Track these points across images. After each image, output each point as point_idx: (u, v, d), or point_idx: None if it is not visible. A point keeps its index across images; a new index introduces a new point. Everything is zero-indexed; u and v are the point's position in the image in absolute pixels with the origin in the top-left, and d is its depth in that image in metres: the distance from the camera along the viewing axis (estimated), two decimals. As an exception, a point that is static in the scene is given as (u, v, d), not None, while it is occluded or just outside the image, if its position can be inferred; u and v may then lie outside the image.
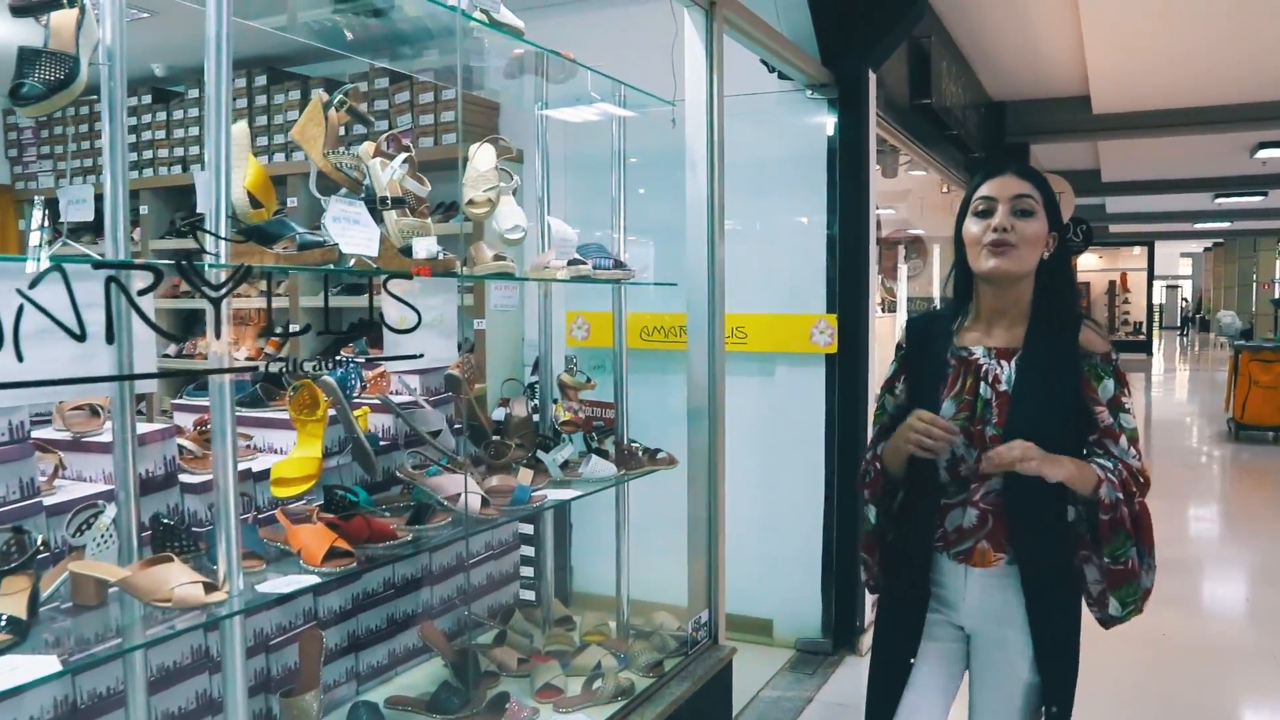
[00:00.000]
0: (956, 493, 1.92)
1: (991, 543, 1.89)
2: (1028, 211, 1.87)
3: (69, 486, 2.08)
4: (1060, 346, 1.87)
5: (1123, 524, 1.80)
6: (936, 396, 1.92)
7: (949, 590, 1.96)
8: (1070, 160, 11.32)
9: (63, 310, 1.28)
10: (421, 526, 2.22)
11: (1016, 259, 1.86)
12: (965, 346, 1.95)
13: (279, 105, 5.27)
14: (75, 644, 1.62)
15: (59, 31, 1.65)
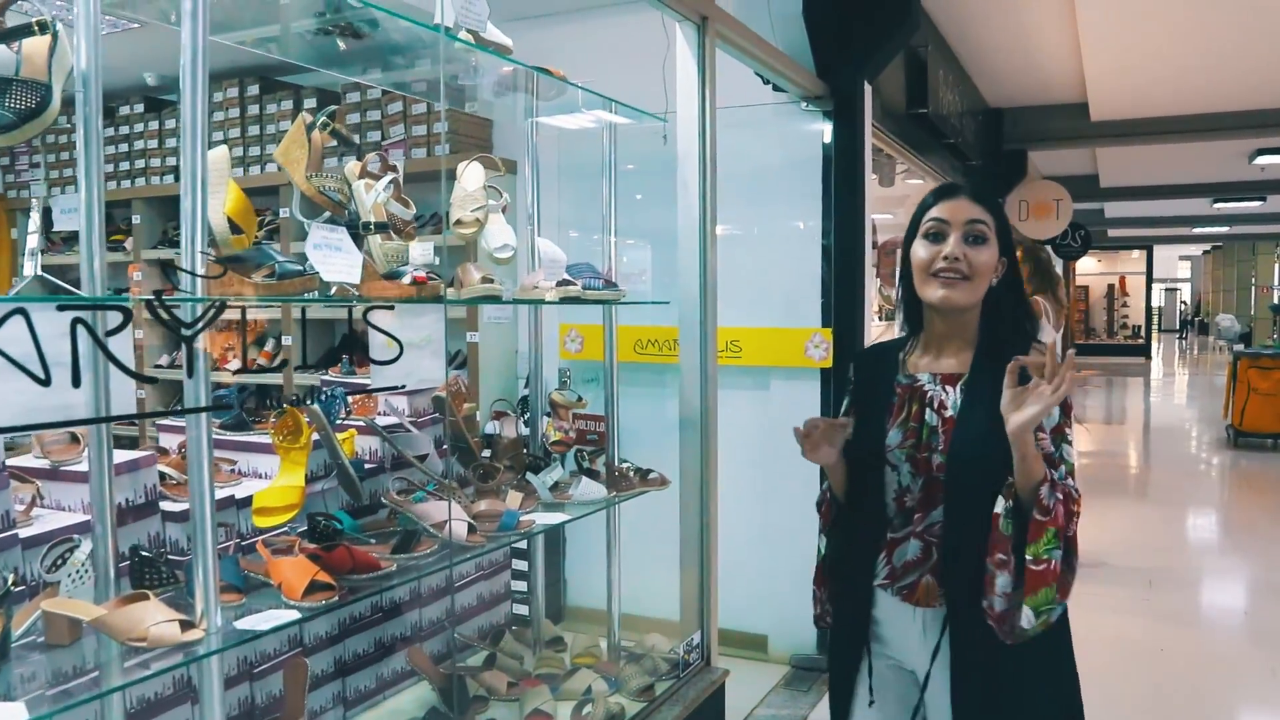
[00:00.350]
0: (901, 525, 1.85)
1: (936, 577, 1.81)
2: (980, 238, 1.80)
3: (47, 516, 2.05)
4: (1006, 374, 1.78)
5: (1053, 526, 1.68)
6: (883, 424, 1.87)
7: (896, 631, 1.88)
8: (1068, 166, 11.29)
9: (27, 353, 1.24)
10: (406, 555, 2.19)
11: (967, 290, 1.80)
12: (912, 374, 1.90)
13: (271, 115, 5.24)
14: (47, 686, 1.59)
15: (31, 58, 1.62)
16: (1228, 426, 10.28)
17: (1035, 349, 1.82)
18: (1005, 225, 1.87)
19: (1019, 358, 1.70)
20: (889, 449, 1.85)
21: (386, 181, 2.21)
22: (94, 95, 1.71)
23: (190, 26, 1.65)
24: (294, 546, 2.01)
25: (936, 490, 1.81)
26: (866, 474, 1.90)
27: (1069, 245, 11.74)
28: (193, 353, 1.48)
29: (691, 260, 3.09)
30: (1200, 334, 30.75)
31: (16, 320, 1.34)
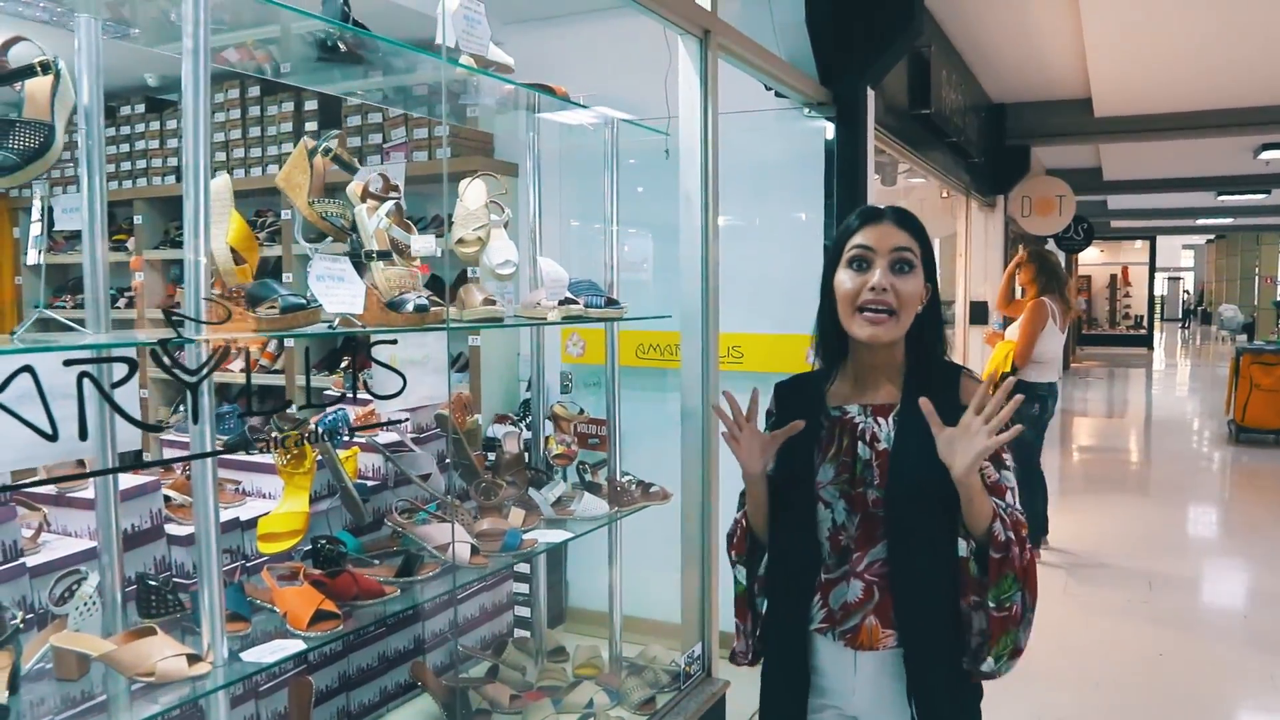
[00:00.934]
0: (838, 565, 1.78)
1: (880, 618, 1.73)
2: (908, 265, 1.73)
3: (54, 543, 2.06)
4: (940, 398, 1.71)
5: (1012, 565, 1.65)
6: (811, 460, 1.79)
7: (835, 679, 1.80)
8: (1071, 159, 11.28)
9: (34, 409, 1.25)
10: (410, 579, 2.20)
11: (894, 326, 1.73)
12: (839, 406, 1.81)
13: (272, 117, 5.24)
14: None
15: (34, 98, 1.62)
16: (1229, 422, 10.29)
17: (967, 377, 1.80)
18: (929, 250, 1.80)
19: (923, 400, 1.64)
20: (821, 485, 1.77)
21: (388, 207, 2.22)
22: (96, 130, 1.73)
23: (190, 66, 1.66)
24: (299, 574, 2.03)
25: (875, 527, 1.74)
26: (789, 511, 1.81)
27: (1071, 238, 11.76)
28: (198, 400, 1.49)
29: (694, 273, 3.09)
30: (1203, 324, 30.73)
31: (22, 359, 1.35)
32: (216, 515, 1.67)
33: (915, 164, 6.16)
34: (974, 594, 1.69)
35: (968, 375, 1.81)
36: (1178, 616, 5.09)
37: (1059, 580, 5.71)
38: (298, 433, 2.21)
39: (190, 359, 1.52)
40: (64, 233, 6.33)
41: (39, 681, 1.71)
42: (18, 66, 1.60)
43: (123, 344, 1.47)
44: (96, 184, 1.66)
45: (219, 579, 1.70)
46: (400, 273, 2.23)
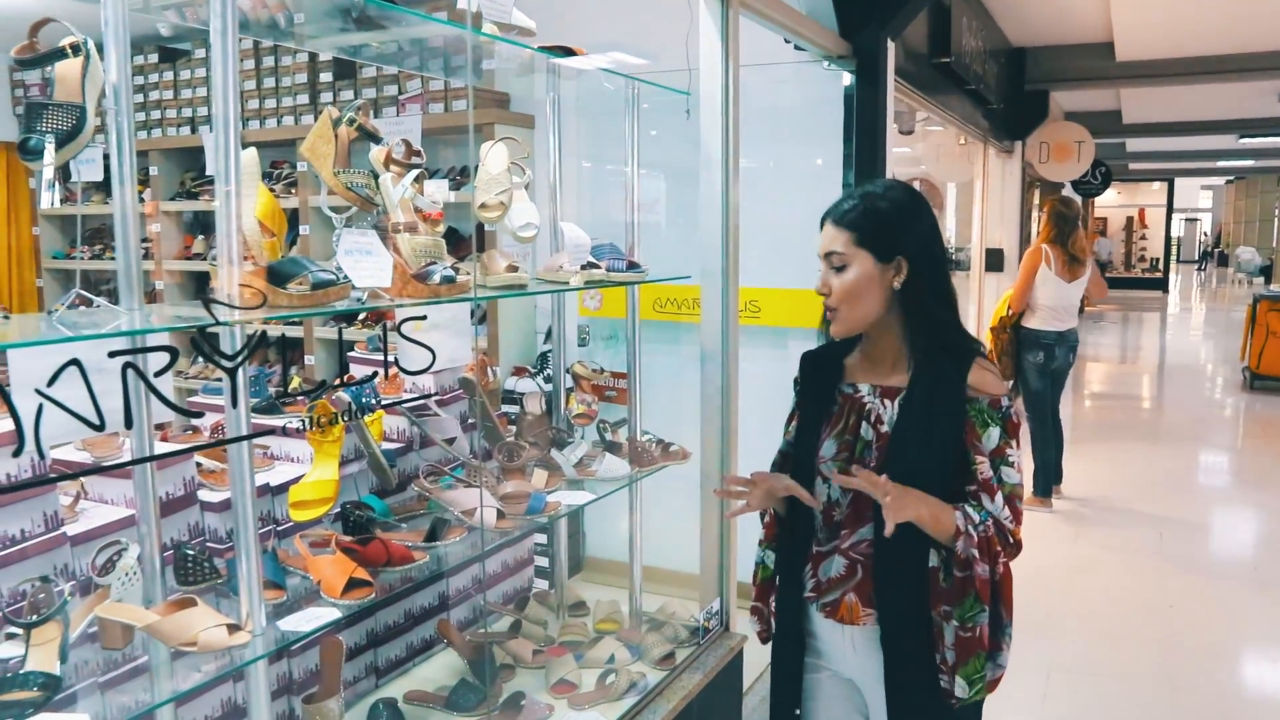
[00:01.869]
0: (828, 539, 1.85)
1: (860, 595, 1.80)
2: (839, 266, 1.80)
3: (91, 511, 2.11)
4: (946, 386, 1.75)
5: (972, 585, 1.69)
6: (819, 434, 1.86)
7: (830, 644, 1.89)
8: (1090, 102, 11.10)
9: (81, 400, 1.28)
10: (438, 543, 2.25)
11: (843, 320, 1.81)
12: (852, 383, 1.87)
13: (286, 67, 5.20)
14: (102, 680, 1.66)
15: (64, 80, 1.63)
16: (1244, 369, 10.27)
17: (980, 366, 1.79)
18: (883, 227, 1.77)
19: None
20: (822, 459, 1.83)
21: (412, 176, 2.22)
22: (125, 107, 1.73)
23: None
24: (330, 541, 2.08)
25: (865, 507, 1.78)
26: (800, 482, 1.88)
27: (1089, 182, 11.64)
28: (235, 384, 1.51)
29: (714, 232, 3.09)
30: (1220, 266, 30.47)
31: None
32: (253, 492, 1.70)
33: (933, 112, 6.09)
34: (945, 604, 1.73)
35: (980, 364, 1.79)
36: (1188, 566, 5.15)
37: (1070, 529, 5.77)
38: (324, 401, 2.25)
39: (226, 344, 1.54)
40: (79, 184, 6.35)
41: (81, 647, 1.76)
42: (49, 49, 1.60)
43: (162, 329, 1.49)
44: (127, 165, 1.66)
45: (257, 554, 1.74)
46: (426, 241, 2.24)
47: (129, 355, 1.33)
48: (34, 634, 1.62)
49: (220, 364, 1.48)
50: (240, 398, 1.55)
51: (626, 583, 3.34)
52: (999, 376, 1.81)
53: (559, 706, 2.71)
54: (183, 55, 5.61)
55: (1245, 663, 4.16)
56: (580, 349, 4.81)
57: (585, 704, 2.72)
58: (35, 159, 1.59)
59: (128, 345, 1.48)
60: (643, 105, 3.13)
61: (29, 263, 6.29)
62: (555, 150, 3.09)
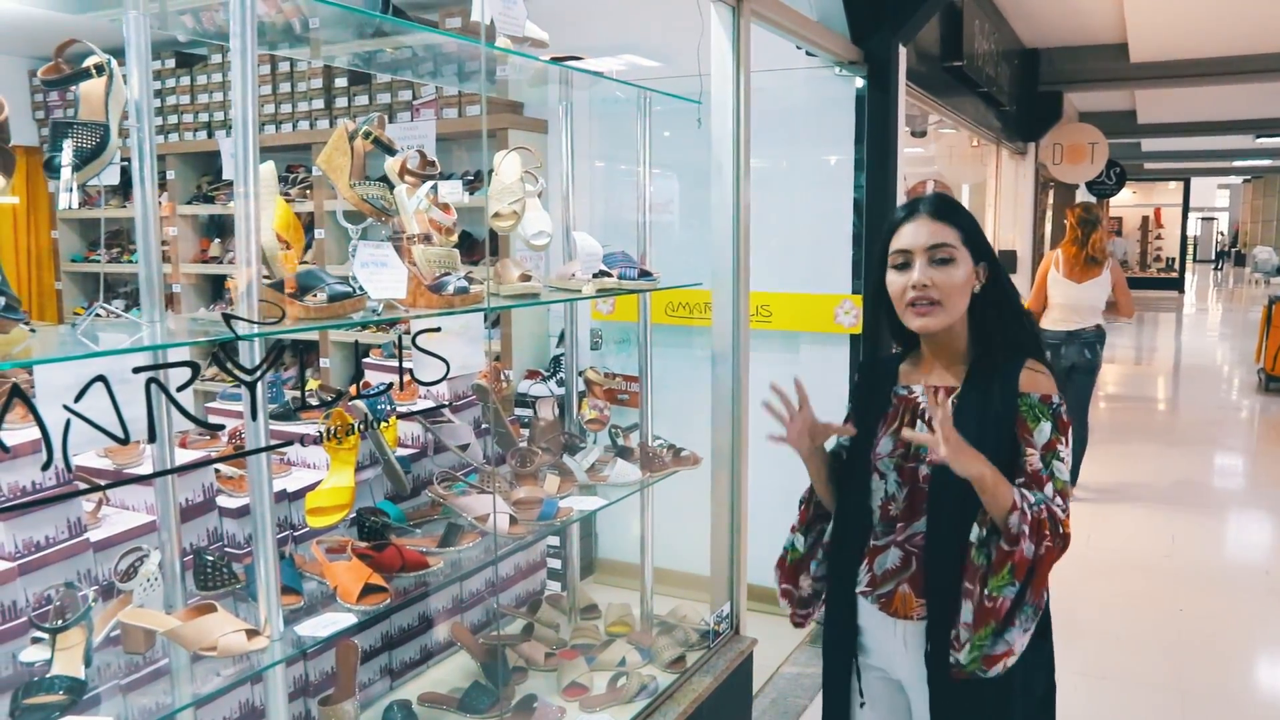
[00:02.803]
0: (884, 533, 1.89)
1: (913, 587, 1.84)
2: (946, 260, 1.82)
3: (113, 517, 2.16)
4: (999, 385, 1.81)
5: (1011, 560, 1.69)
6: (875, 433, 1.92)
7: (880, 642, 1.92)
8: (1105, 103, 11.08)
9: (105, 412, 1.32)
10: (452, 549, 2.29)
11: (942, 314, 1.82)
12: (907, 385, 1.93)
13: (302, 72, 5.25)
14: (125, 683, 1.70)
15: (89, 99, 1.67)
16: (1259, 370, 10.22)
17: (1030, 368, 1.83)
18: (974, 232, 1.87)
19: (940, 392, 1.75)
20: (879, 456, 1.89)
21: (427, 188, 2.25)
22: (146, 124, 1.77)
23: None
24: (346, 548, 2.11)
25: (920, 500, 1.84)
26: (851, 478, 1.94)
27: (1103, 183, 11.60)
28: (255, 396, 1.55)
29: (725, 239, 3.11)
30: (1236, 265, 30.26)
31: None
32: (271, 501, 1.74)
33: (945, 115, 6.10)
34: (969, 580, 1.74)
35: (1031, 367, 1.84)
36: (1200, 571, 5.15)
37: (1082, 532, 5.77)
38: (340, 410, 2.29)
39: (245, 357, 1.58)
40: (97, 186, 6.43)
41: (105, 651, 1.80)
42: (73, 70, 1.64)
43: (183, 344, 1.53)
44: (148, 183, 1.70)
45: (275, 561, 1.78)
46: (440, 252, 2.28)
47: (151, 370, 1.37)
48: (59, 639, 1.66)
49: (240, 378, 1.52)
50: (260, 410, 1.58)
51: (638, 585, 3.37)
52: (1049, 377, 1.86)
53: (571, 709, 2.74)
54: (199, 61, 5.67)
55: (1257, 668, 4.16)
56: (593, 353, 4.85)
57: (597, 706, 2.75)
58: (59, 176, 1.63)
59: (152, 358, 1.53)
60: (655, 108, 3.16)
61: (48, 265, 6.37)
62: (568, 158, 3.12)
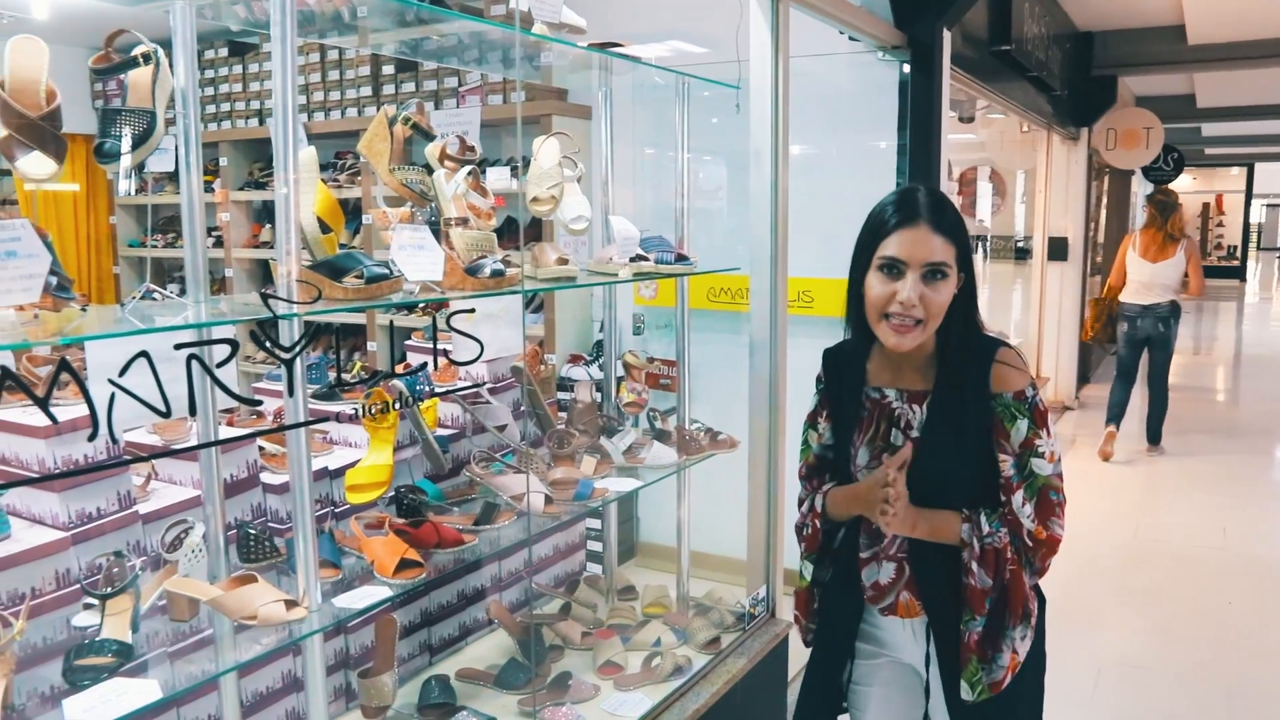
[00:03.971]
0: (869, 545, 1.87)
1: (912, 592, 1.84)
2: (940, 275, 1.72)
3: (161, 491, 2.23)
4: (971, 388, 1.76)
5: (965, 595, 1.72)
6: (851, 441, 1.87)
7: (890, 634, 1.93)
8: (1162, 86, 10.82)
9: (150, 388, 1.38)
10: (488, 527, 2.34)
11: (920, 334, 1.73)
12: (878, 387, 1.86)
13: (350, 60, 5.33)
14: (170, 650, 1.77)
15: (136, 87, 1.73)
16: (1321, 361, 9.97)
17: (1000, 363, 1.77)
18: (965, 243, 1.77)
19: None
20: (858, 468, 1.86)
21: (464, 173, 2.30)
22: (192, 111, 1.83)
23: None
24: (384, 524, 2.17)
25: None
26: (835, 487, 1.91)
27: (1160, 169, 11.36)
28: (292, 374, 1.60)
29: (763, 225, 3.12)
30: (1302, 253, 29.42)
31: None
32: (310, 476, 1.80)
33: (993, 100, 6.02)
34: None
35: (1001, 361, 1.78)
36: (1251, 564, 5.05)
37: (1130, 521, 5.70)
38: (382, 390, 2.34)
39: (284, 336, 1.63)
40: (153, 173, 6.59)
41: (152, 619, 1.87)
42: (122, 59, 1.70)
43: (223, 322, 1.59)
44: (194, 169, 1.76)
45: (313, 534, 1.84)
46: (478, 236, 2.32)
47: (193, 347, 1.42)
48: (109, 604, 1.73)
49: (278, 355, 1.57)
50: (297, 387, 1.64)
51: (694, 569, 3.40)
52: (1021, 369, 1.80)
53: (605, 687, 2.78)
54: (251, 49, 5.78)
55: (1306, 662, 4.09)
56: (635, 337, 4.88)
57: (631, 685, 2.79)
58: (110, 161, 1.69)
59: (194, 337, 1.59)
60: (703, 93, 3.17)
61: (107, 250, 6.54)
62: (607, 144, 3.14)
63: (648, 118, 4.47)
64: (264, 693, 2.38)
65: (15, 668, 1.61)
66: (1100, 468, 6.89)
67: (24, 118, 1.56)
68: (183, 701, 2.17)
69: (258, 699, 2.36)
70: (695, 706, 2.74)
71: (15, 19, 5.72)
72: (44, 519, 1.97)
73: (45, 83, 1.61)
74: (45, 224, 6.32)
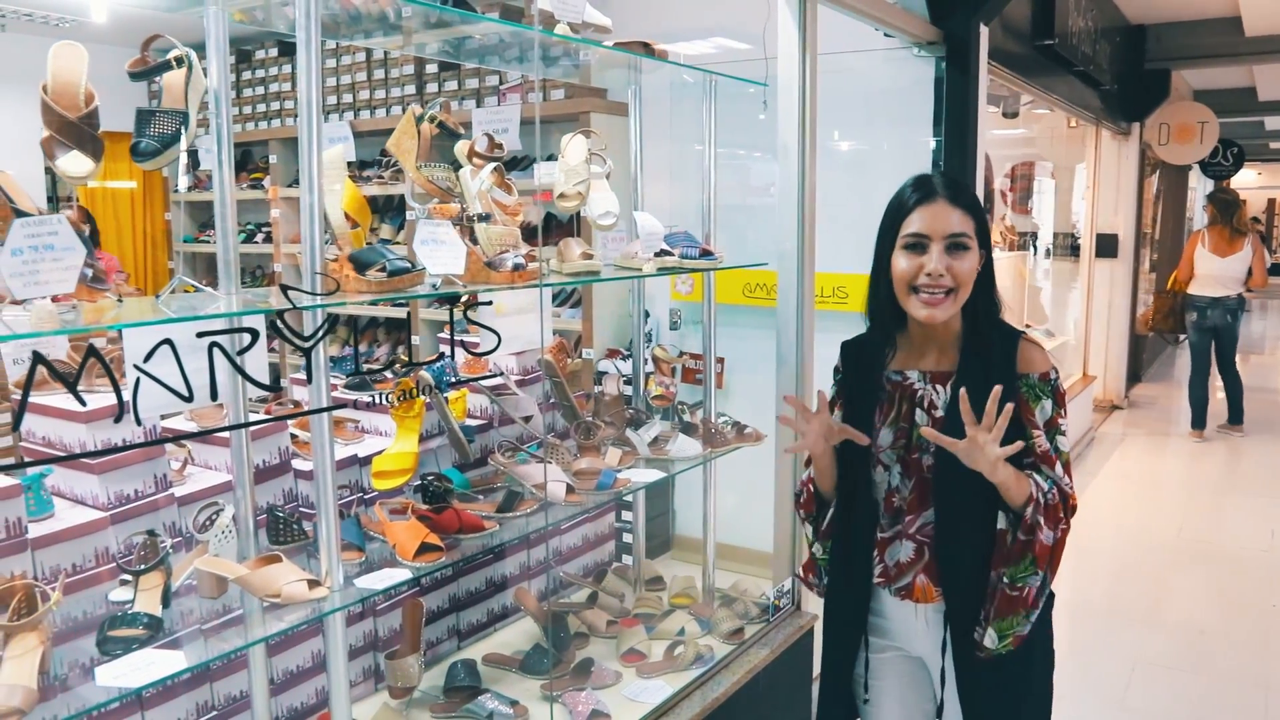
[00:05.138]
0: (890, 525, 1.87)
1: (930, 576, 1.84)
2: (963, 248, 1.78)
3: (198, 475, 2.33)
4: (996, 367, 1.79)
5: (1032, 549, 1.71)
6: (871, 422, 1.88)
7: (898, 624, 1.92)
8: (1221, 79, 10.59)
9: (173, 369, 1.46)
10: (510, 514, 2.40)
11: (952, 304, 1.78)
12: (900, 370, 1.88)
13: (395, 59, 5.44)
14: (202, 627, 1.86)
15: (170, 89, 1.82)
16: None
17: (1025, 344, 1.82)
18: (983, 218, 1.83)
19: (961, 394, 1.70)
20: (880, 449, 1.86)
21: (489, 170, 2.36)
22: (224, 110, 1.91)
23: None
24: (408, 509, 2.24)
25: (927, 491, 1.82)
26: (850, 470, 1.90)
27: (1219, 164, 11.14)
28: (310, 362, 1.68)
29: (790, 221, 3.15)
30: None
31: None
32: (332, 461, 1.88)
33: (1036, 95, 5.96)
34: (1003, 565, 1.77)
35: (1027, 341, 1.85)
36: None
37: (1173, 521, 5.61)
38: (409, 380, 2.42)
39: (306, 325, 1.71)
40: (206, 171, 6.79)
41: (185, 597, 1.96)
42: (157, 62, 1.79)
43: (248, 312, 1.67)
44: (225, 166, 1.85)
45: (335, 517, 1.91)
46: (502, 231, 2.38)
47: (214, 335, 1.50)
48: (141, 580, 1.83)
49: (297, 344, 1.65)
50: (317, 375, 1.71)
51: (725, 562, 3.45)
52: (1044, 352, 1.86)
53: (627, 674, 2.84)
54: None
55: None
56: (673, 332, 4.93)
57: (653, 673, 2.84)
58: (145, 160, 1.78)
59: (226, 326, 1.67)
60: (748, 90, 3.20)
61: (163, 245, 6.75)
62: (636, 139, 3.19)
63: (687, 115, 4.50)
64: (295, 671, 2.47)
65: (52, 638, 1.70)
66: (1147, 466, 6.79)
67: (64, 119, 1.65)
68: (215, 676, 2.26)
69: (289, 677, 2.45)
70: (715, 695, 2.78)
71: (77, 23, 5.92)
72: (85, 500, 2.07)
73: (84, 85, 1.70)
74: (103, 221, 6.55)
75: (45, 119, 1.64)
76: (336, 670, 1.98)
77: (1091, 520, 5.85)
